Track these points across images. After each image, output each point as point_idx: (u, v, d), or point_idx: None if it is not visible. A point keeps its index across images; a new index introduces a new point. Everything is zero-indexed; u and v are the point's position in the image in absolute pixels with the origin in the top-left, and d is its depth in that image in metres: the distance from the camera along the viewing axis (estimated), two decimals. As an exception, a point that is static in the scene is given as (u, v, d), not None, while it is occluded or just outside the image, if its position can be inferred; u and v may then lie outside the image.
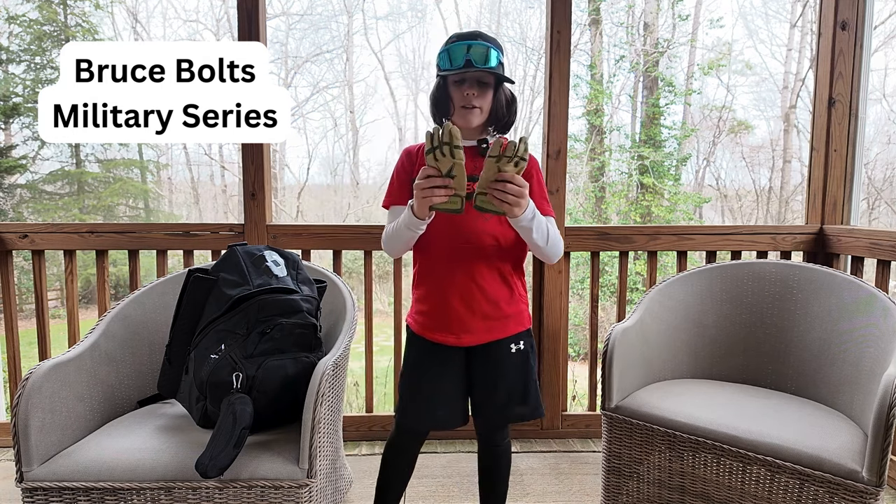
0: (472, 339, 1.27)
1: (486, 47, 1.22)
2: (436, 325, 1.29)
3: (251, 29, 2.01)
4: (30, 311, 7.64)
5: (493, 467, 1.41)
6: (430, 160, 1.09)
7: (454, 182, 1.09)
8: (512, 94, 1.32)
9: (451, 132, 1.06)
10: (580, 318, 9.26)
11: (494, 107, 1.28)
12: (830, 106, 2.14)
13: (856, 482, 1.20)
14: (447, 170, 1.08)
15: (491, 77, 1.25)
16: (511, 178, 1.08)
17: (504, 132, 1.33)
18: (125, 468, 1.24)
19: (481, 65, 1.21)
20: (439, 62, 1.27)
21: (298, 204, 13.76)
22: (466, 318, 1.26)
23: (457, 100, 1.26)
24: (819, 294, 1.67)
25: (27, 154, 11.24)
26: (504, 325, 1.29)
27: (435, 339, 1.29)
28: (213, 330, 1.38)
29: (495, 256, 1.27)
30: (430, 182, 1.09)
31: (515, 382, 1.30)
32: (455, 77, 1.25)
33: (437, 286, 1.28)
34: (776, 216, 11.97)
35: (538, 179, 1.31)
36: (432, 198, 1.09)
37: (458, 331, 1.27)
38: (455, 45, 1.23)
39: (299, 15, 14.12)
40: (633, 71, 11.55)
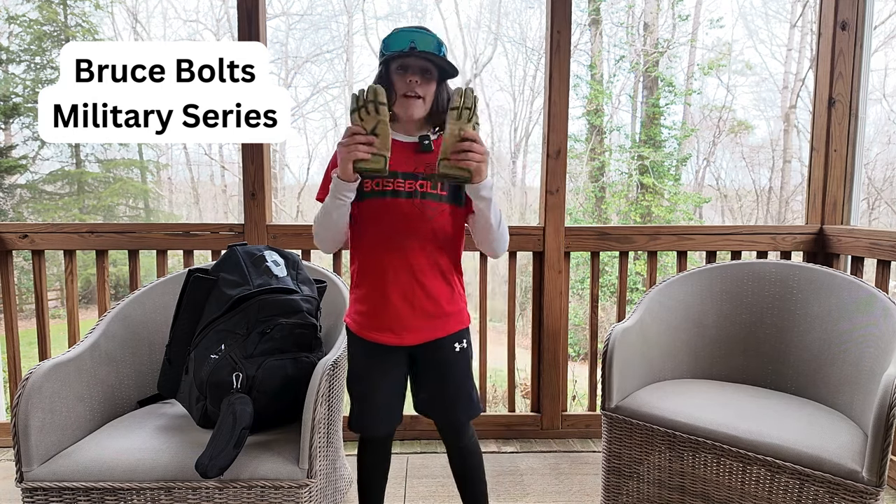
0: (414, 338, 1.26)
1: (433, 38, 1.21)
2: (376, 324, 1.26)
3: (251, 29, 2.01)
4: (30, 311, 7.64)
5: (465, 467, 1.40)
6: (355, 119, 1.09)
7: (378, 141, 1.08)
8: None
9: (375, 90, 1.08)
10: (580, 318, 9.27)
11: (436, 100, 1.25)
12: (830, 106, 2.14)
13: (856, 482, 1.20)
14: (371, 128, 1.08)
15: (434, 68, 1.22)
16: (475, 137, 1.07)
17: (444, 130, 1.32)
18: (125, 468, 1.24)
19: (426, 49, 1.19)
20: (382, 48, 1.25)
21: (298, 204, 13.76)
22: (408, 317, 1.24)
23: (399, 87, 1.22)
24: (819, 294, 1.67)
25: (27, 154, 11.25)
26: (445, 323, 1.28)
27: (376, 340, 1.27)
28: (213, 330, 1.38)
29: (434, 252, 1.25)
30: (353, 139, 1.08)
31: (461, 382, 1.30)
32: (398, 64, 1.22)
33: (376, 284, 1.25)
34: (776, 216, 11.97)
35: None
36: (356, 152, 1.07)
37: (400, 330, 1.25)
38: (399, 33, 1.21)
39: (299, 15, 14.13)
40: (633, 71, 11.55)
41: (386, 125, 1.08)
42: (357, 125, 1.09)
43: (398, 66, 1.22)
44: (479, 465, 1.41)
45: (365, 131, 1.08)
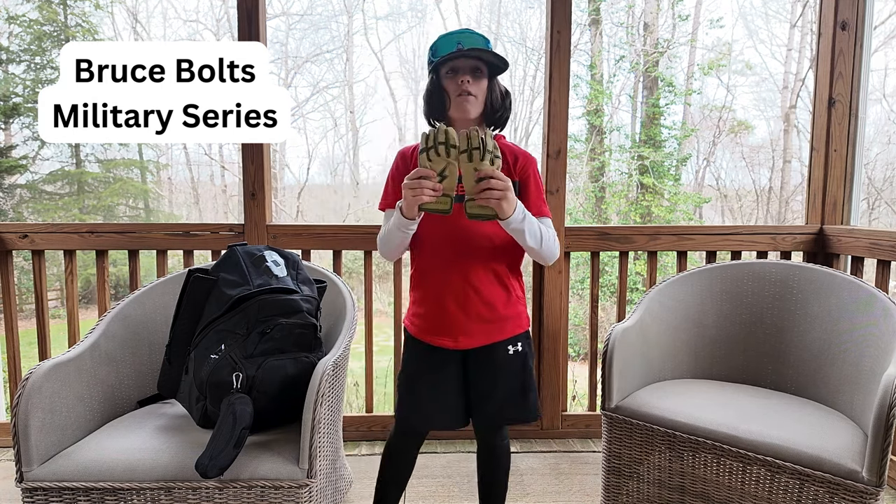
0: (470, 342, 1.26)
1: (478, 36, 1.22)
2: (433, 328, 1.28)
3: (251, 29, 2.01)
4: (30, 311, 7.64)
5: (492, 468, 1.41)
6: (423, 160, 1.08)
7: (445, 182, 1.08)
8: (506, 88, 1.30)
9: (446, 132, 1.07)
10: (580, 318, 9.27)
11: (489, 98, 1.25)
12: (830, 106, 2.14)
13: (856, 482, 1.20)
14: (440, 170, 1.08)
15: (484, 66, 1.23)
16: (491, 174, 1.07)
17: (500, 128, 1.31)
18: (125, 468, 1.24)
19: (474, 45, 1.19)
20: (430, 57, 1.26)
21: (298, 204, 13.76)
22: (463, 321, 1.25)
23: (451, 90, 1.23)
24: (819, 294, 1.67)
25: (27, 154, 11.24)
26: (501, 327, 1.28)
27: (432, 343, 1.28)
28: (213, 330, 1.38)
29: (490, 258, 1.25)
30: (420, 183, 1.07)
31: (512, 384, 1.30)
32: (447, 68, 1.23)
33: (432, 289, 1.27)
34: (776, 216, 11.97)
35: (535, 180, 1.30)
36: (421, 197, 1.08)
37: (456, 334, 1.26)
38: (444, 37, 1.23)
39: (299, 15, 14.13)
40: (633, 71, 11.55)
41: (455, 167, 1.08)
42: (426, 167, 1.08)
43: (448, 69, 1.23)
44: (507, 467, 1.41)
45: (433, 173, 1.08)
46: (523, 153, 1.30)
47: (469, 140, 1.07)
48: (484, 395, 1.30)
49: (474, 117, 1.25)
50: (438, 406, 1.30)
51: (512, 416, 1.31)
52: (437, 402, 1.30)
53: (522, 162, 1.29)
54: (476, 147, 1.06)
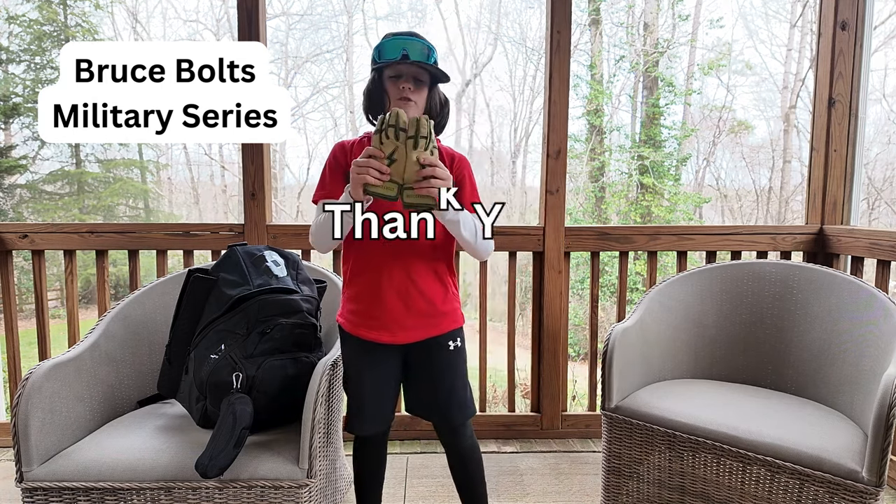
0: (408, 337, 1.27)
1: (424, 45, 1.23)
2: (370, 323, 1.27)
3: (251, 29, 2.01)
4: (30, 311, 7.64)
5: (464, 469, 1.40)
6: (375, 141, 1.09)
7: (393, 167, 1.08)
8: (445, 96, 1.33)
9: (397, 114, 1.08)
10: (580, 318, 9.27)
11: (429, 105, 1.28)
12: (830, 106, 2.14)
13: (856, 482, 1.20)
14: (389, 153, 1.08)
15: (427, 75, 1.25)
16: (435, 163, 1.08)
17: (437, 134, 1.32)
18: (125, 468, 1.24)
19: (418, 58, 1.21)
20: (374, 56, 1.27)
21: (298, 204, 13.75)
22: (403, 316, 1.25)
23: (393, 93, 1.25)
24: (819, 294, 1.67)
25: (27, 154, 11.24)
26: (439, 322, 1.29)
27: (369, 338, 1.28)
28: (213, 330, 1.38)
29: (429, 254, 1.27)
30: (369, 162, 1.08)
31: (455, 382, 1.31)
32: (391, 72, 1.25)
33: (372, 284, 1.26)
34: (776, 216, 11.97)
35: (470, 180, 1.32)
36: (367, 177, 1.07)
37: (394, 328, 1.26)
38: (391, 41, 1.24)
39: (299, 15, 14.12)
40: (633, 71, 11.55)
41: (404, 152, 1.08)
42: (377, 147, 1.09)
43: (391, 73, 1.25)
44: (479, 466, 1.41)
45: (383, 155, 1.08)
46: (458, 155, 1.32)
47: (417, 127, 1.07)
48: (427, 392, 1.32)
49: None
50: (381, 405, 1.31)
51: (458, 417, 1.32)
52: (380, 401, 1.31)
53: (458, 164, 1.30)
54: (423, 136, 1.07)
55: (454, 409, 1.31)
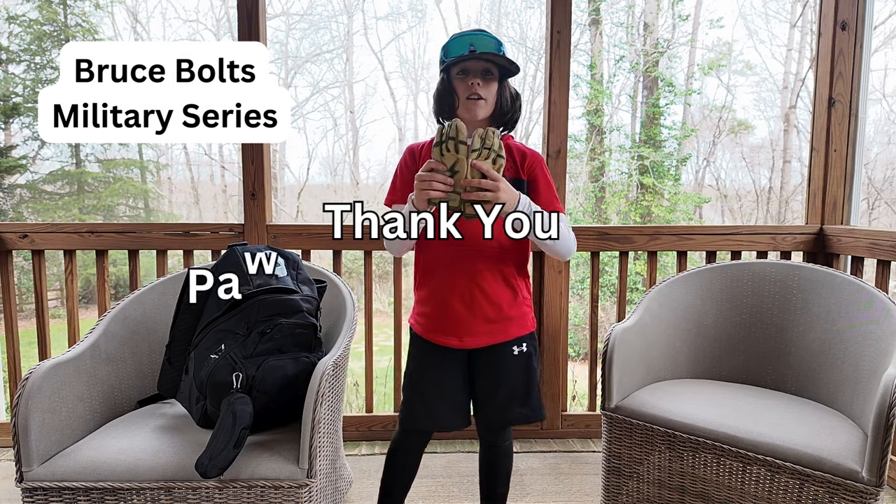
0: (475, 342, 1.26)
1: (491, 38, 1.22)
2: (438, 327, 1.28)
3: (251, 29, 2.01)
4: (30, 311, 7.64)
5: (494, 468, 1.41)
6: (436, 154, 1.09)
7: (455, 178, 1.09)
8: (516, 90, 1.31)
9: (457, 127, 1.08)
10: (580, 318, 9.26)
11: (499, 100, 1.26)
12: (830, 106, 2.14)
13: (856, 482, 1.20)
14: (450, 165, 1.08)
15: (495, 69, 1.23)
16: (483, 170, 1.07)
17: (509, 129, 1.32)
18: (125, 468, 1.24)
19: (487, 50, 1.19)
20: (441, 56, 1.26)
21: (298, 204, 13.76)
22: (468, 321, 1.25)
23: (461, 92, 1.23)
24: (819, 294, 1.67)
25: (27, 154, 11.24)
26: (506, 327, 1.28)
27: (437, 342, 1.28)
28: (213, 330, 1.38)
29: (497, 258, 1.25)
30: (432, 176, 1.08)
31: (516, 385, 1.30)
32: (459, 69, 1.23)
33: (438, 288, 1.27)
34: (776, 216, 11.97)
35: (545, 178, 1.30)
36: (430, 191, 1.08)
37: (461, 333, 1.26)
38: (457, 38, 1.23)
39: (299, 15, 14.13)
40: (633, 71, 11.55)
41: (465, 163, 1.09)
42: (437, 160, 1.09)
43: (459, 70, 1.23)
44: (509, 468, 1.42)
45: (444, 167, 1.08)
46: (531, 152, 1.31)
47: (483, 140, 1.08)
48: (488, 395, 1.31)
49: (482, 118, 1.26)
50: (444, 405, 1.30)
51: (515, 417, 1.31)
52: (443, 401, 1.30)
53: (530, 160, 1.29)
54: (487, 147, 1.08)
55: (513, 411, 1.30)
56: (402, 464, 1.39)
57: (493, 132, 1.10)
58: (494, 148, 1.09)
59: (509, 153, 1.28)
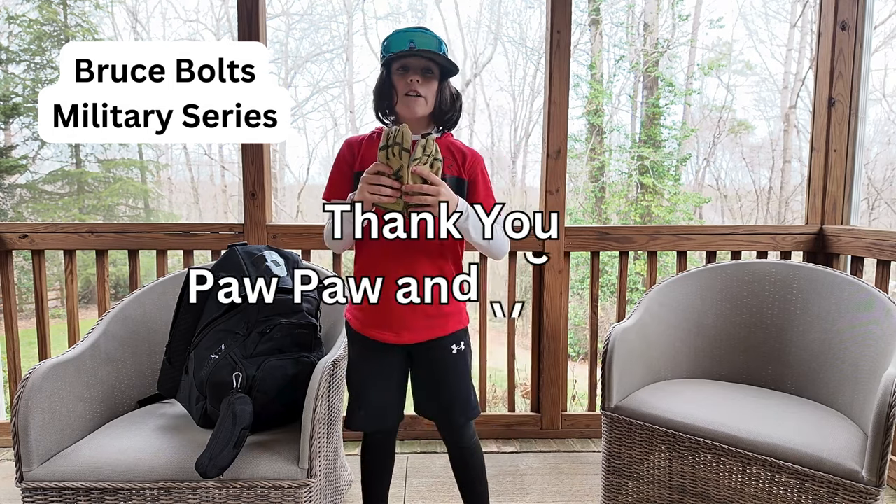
0: (413, 337, 1.27)
1: (432, 36, 1.22)
2: (375, 321, 1.27)
3: (251, 29, 2.01)
4: (30, 311, 7.64)
5: (465, 467, 1.40)
6: (382, 157, 1.10)
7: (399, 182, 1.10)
8: (457, 90, 1.30)
9: (402, 133, 1.08)
10: (580, 318, 9.27)
11: (439, 99, 1.25)
12: (830, 106, 2.14)
13: (856, 482, 1.20)
14: (396, 169, 1.09)
15: (436, 67, 1.23)
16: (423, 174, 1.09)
17: (449, 128, 1.31)
18: (125, 468, 1.24)
19: (426, 48, 1.19)
20: (382, 50, 1.25)
21: (298, 204, 13.76)
22: (408, 316, 1.25)
23: (400, 88, 1.22)
24: (819, 294, 1.67)
25: (27, 154, 11.24)
26: (444, 322, 1.28)
27: (374, 337, 1.28)
28: (213, 330, 1.38)
29: (435, 253, 1.26)
30: (379, 179, 1.08)
31: (458, 384, 1.31)
32: (399, 65, 1.22)
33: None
34: (776, 216, 11.97)
35: (483, 177, 1.31)
36: (380, 196, 1.09)
37: (398, 328, 1.26)
38: (398, 33, 1.22)
39: (299, 15, 14.13)
40: (633, 71, 11.55)
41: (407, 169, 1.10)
42: (384, 164, 1.10)
43: (399, 66, 1.23)
44: (481, 466, 1.41)
45: (391, 171, 1.09)
46: (471, 151, 1.31)
47: (425, 148, 1.10)
48: (431, 394, 1.32)
49: (421, 116, 1.25)
50: (387, 403, 1.31)
51: (460, 418, 1.32)
52: (385, 398, 1.31)
53: (471, 160, 1.29)
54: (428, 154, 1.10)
55: (457, 410, 1.31)
56: (373, 461, 1.40)
57: (431, 138, 1.11)
58: (432, 153, 1.11)
59: (451, 152, 1.28)
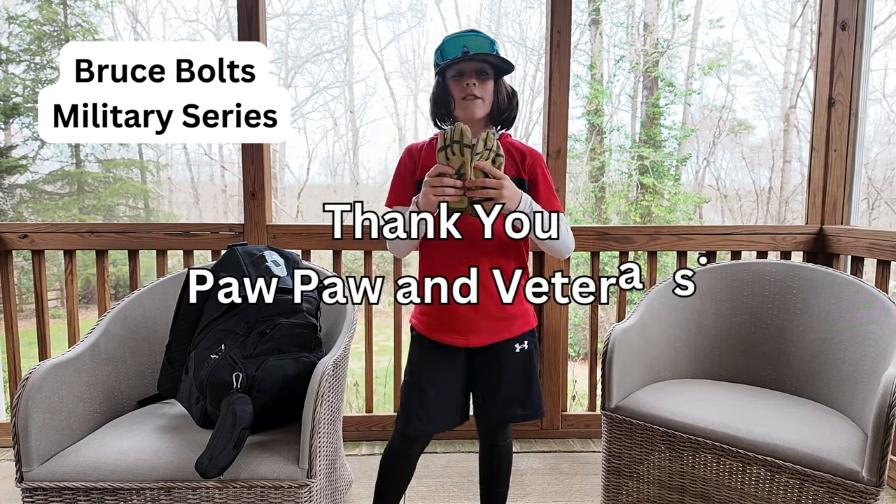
0: (480, 340, 1.26)
1: (484, 38, 1.22)
2: (442, 325, 1.27)
3: (251, 29, 2.01)
4: (30, 311, 7.64)
5: (495, 468, 1.41)
6: (442, 158, 1.10)
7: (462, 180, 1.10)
8: (512, 87, 1.31)
9: (461, 130, 1.09)
10: (580, 318, 9.26)
11: (496, 99, 1.26)
12: (830, 106, 2.14)
13: (856, 482, 1.20)
14: (457, 168, 1.10)
15: (490, 68, 1.23)
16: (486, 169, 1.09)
17: (507, 127, 1.32)
18: (125, 468, 1.24)
19: (480, 51, 1.20)
20: (436, 59, 1.27)
21: (298, 204, 13.76)
22: (473, 319, 1.25)
23: (457, 93, 1.23)
24: (819, 294, 1.67)
25: (27, 154, 11.24)
26: (510, 324, 1.28)
27: (441, 340, 1.27)
28: (213, 330, 1.38)
29: (498, 255, 1.26)
30: (441, 181, 1.09)
31: (518, 382, 1.30)
32: (454, 71, 1.24)
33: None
34: (776, 216, 11.97)
35: (544, 176, 1.31)
36: (443, 196, 1.09)
37: (466, 331, 1.25)
38: (451, 40, 1.23)
39: (299, 15, 14.13)
40: (633, 71, 11.55)
41: (469, 165, 1.10)
42: (444, 164, 1.10)
43: (454, 72, 1.24)
44: (509, 467, 1.41)
45: (452, 170, 1.09)
46: (530, 150, 1.31)
47: (485, 142, 1.10)
48: (491, 392, 1.30)
49: (480, 118, 1.26)
50: (446, 406, 1.29)
51: (517, 414, 1.31)
52: (445, 402, 1.29)
53: (530, 160, 1.30)
54: (489, 148, 1.10)
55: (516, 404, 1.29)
56: (399, 470, 1.37)
57: (491, 133, 1.12)
58: (493, 148, 1.11)
59: (510, 152, 1.28)
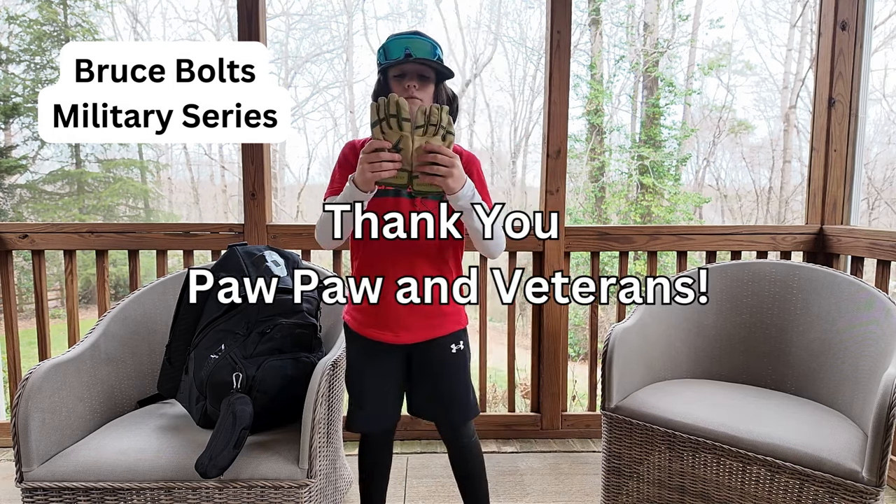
0: (411, 337, 1.26)
1: (427, 42, 1.22)
2: (374, 322, 1.27)
3: (251, 29, 2.01)
4: (30, 311, 7.64)
5: (465, 466, 1.40)
6: (377, 132, 1.05)
7: (401, 155, 1.05)
8: (453, 91, 1.31)
9: (397, 103, 1.04)
10: (580, 318, 9.27)
11: (436, 101, 1.27)
12: (830, 106, 2.14)
13: (856, 482, 1.20)
14: (395, 142, 1.05)
15: (431, 72, 1.24)
16: (438, 149, 1.04)
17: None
18: (125, 468, 1.24)
19: (422, 55, 1.20)
20: (379, 58, 1.27)
21: (298, 204, 13.77)
22: (406, 316, 1.25)
23: (398, 93, 1.22)
24: (819, 294, 1.67)
25: (27, 154, 11.24)
26: (443, 322, 1.28)
27: (373, 337, 1.27)
28: (213, 330, 1.38)
29: (435, 253, 1.26)
30: (378, 156, 1.04)
31: (456, 384, 1.31)
32: (396, 72, 1.24)
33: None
34: (776, 216, 11.97)
35: (480, 179, 1.30)
36: (381, 171, 1.05)
37: (397, 328, 1.25)
38: (394, 40, 1.23)
39: (299, 15, 14.13)
40: (633, 71, 11.55)
41: (409, 139, 1.05)
42: (380, 139, 1.05)
43: (396, 72, 1.24)
44: (480, 465, 1.41)
45: (389, 145, 1.05)
46: (467, 153, 1.31)
47: (427, 116, 1.04)
48: (429, 394, 1.32)
49: None
50: (385, 404, 1.31)
51: (458, 418, 1.32)
52: (384, 400, 1.31)
53: (466, 162, 1.28)
54: (433, 123, 1.04)
55: (455, 409, 1.31)
56: (370, 463, 1.40)
57: (439, 107, 1.05)
58: (443, 124, 1.05)
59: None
